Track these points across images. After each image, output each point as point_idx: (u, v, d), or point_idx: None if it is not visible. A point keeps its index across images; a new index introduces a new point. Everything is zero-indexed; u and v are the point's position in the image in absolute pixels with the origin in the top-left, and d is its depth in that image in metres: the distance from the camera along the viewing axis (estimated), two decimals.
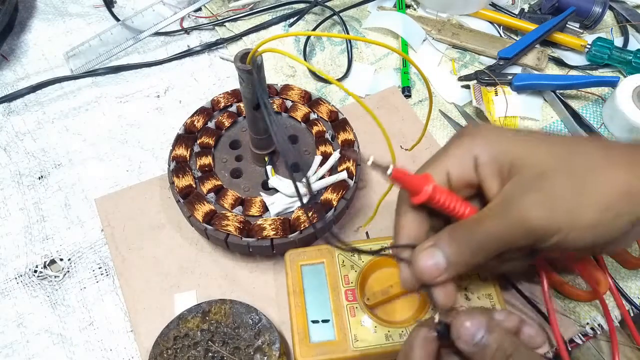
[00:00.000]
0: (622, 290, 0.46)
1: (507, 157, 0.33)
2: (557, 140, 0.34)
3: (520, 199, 0.32)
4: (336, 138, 0.51)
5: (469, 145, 0.35)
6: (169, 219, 0.51)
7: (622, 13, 0.68)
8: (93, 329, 0.46)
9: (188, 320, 0.42)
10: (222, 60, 0.66)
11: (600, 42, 0.63)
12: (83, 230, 0.52)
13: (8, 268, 0.49)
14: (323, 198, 0.46)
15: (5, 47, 0.67)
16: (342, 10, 0.69)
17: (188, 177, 0.47)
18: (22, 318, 0.47)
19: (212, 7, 0.70)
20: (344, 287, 0.43)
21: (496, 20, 0.68)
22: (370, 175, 0.54)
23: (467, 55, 0.66)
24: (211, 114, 0.53)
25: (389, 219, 0.51)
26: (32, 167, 0.56)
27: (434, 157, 0.36)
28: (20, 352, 0.45)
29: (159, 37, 0.68)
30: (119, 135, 0.59)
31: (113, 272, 0.49)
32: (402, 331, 0.41)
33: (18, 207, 0.53)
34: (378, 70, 0.65)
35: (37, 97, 0.62)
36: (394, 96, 0.61)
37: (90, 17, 0.70)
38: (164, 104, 0.62)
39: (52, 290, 0.48)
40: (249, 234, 0.44)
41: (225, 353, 0.41)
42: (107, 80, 0.64)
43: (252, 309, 0.43)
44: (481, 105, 0.58)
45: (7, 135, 0.59)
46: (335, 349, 0.40)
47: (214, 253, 0.50)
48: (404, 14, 0.68)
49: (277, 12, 0.70)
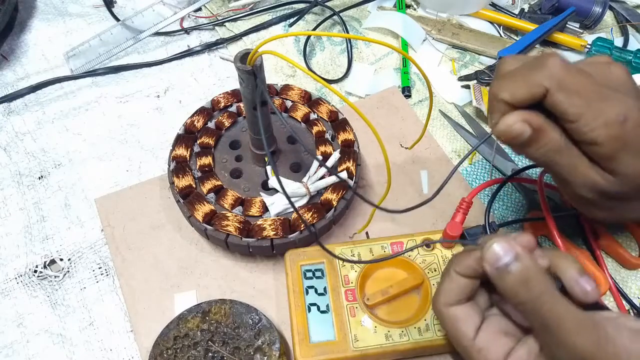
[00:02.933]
0: (622, 291, 0.46)
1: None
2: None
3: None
4: (336, 138, 0.51)
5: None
6: (169, 219, 0.51)
7: (622, 13, 0.68)
8: (93, 329, 0.46)
9: (188, 320, 0.42)
10: (222, 60, 0.66)
11: (600, 42, 0.63)
12: (83, 230, 0.52)
13: (8, 268, 0.49)
14: (323, 198, 0.46)
15: (5, 47, 0.67)
16: (342, 10, 0.69)
17: (188, 177, 0.47)
18: (22, 318, 0.47)
19: (212, 7, 0.70)
20: (344, 287, 0.43)
21: (496, 20, 0.68)
22: (371, 175, 0.54)
23: (467, 55, 0.66)
24: (211, 114, 0.53)
25: (388, 219, 0.51)
26: (32, 167, 0.56)
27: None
28: (20, 352, 0.45)
29: (159, 37, 0.68)
30: (119, 135, 0.59)
31: (113, 272, 0.49)
32: (402, 331, 0.41)
33: (18, 207, 0.53)
34: (378, 70, 0.65)
35: (37, 97, 0.62)
36: (394, 96, 0.61)
37: (90, 17, 0.70)
38: (164, 104, 0.62)
39: (52, 290, 0.48)
40: (249, 234, 0.44)
41: (225, 353, 0.41)
42: (107, 80, 0.64)
43: (252, 309, 0.43)
44: (481, 105, 0.58)
45: (7, 135, 0.59)
46: (335, 349, 0.41)
47: (214, 253, 0.50)
48: (404, 14, 0.68)
49: (277, 12, 0.70)
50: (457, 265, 0.35)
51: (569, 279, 0.32)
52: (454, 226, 0.44)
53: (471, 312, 0.35)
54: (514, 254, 0.31)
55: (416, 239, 0.46)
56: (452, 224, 0.44)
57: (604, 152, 0.33)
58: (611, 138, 0.32)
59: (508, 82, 0.35)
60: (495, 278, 0.32)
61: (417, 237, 0.46)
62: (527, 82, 0.33)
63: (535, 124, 0.34)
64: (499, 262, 0.32)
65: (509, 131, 0.34)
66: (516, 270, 0.31)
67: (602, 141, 0.32)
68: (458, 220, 0.44)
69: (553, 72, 0.33)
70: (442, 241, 0.45)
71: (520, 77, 0.34)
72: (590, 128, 0.32)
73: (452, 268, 0.35)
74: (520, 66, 0.35)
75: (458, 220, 0.44)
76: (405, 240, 0.46)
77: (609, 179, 0.34)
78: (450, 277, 0.35)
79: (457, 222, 0.44)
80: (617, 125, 0.32)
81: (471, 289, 0.35)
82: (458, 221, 0.44)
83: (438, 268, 0.44)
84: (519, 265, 0.31)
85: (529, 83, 0.33)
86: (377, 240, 0.46)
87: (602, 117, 0.32)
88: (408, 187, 0.53)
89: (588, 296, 0.31)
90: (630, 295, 0.47)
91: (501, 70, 0.36)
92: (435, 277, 0.44)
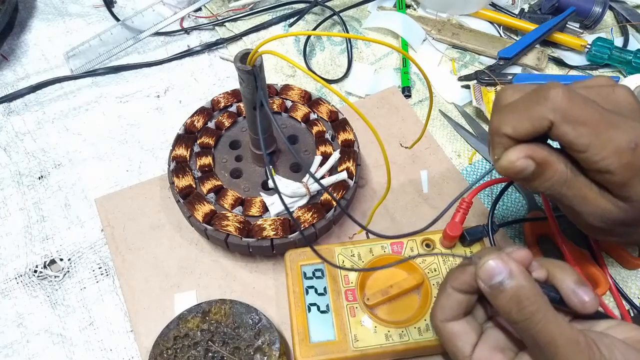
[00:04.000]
0: (622, 291, 0.46)
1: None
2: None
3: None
4: (336, 138, 0.51)
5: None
6: (169, 219, 0.51)
7: (622, 13, 0.68)
8: (93, 329, 0.46)
9: (188, 320, 0.42)
10: (222, 60, 0.66)
11: (600, 42, 0.63)
12: (83, 230, 0.52)
13: (8, 268, 0.49)
14: (323, 198, 0.46)
15: (5, 47, 0.67)
16: (342, 10, 0.69)
17: (188, 177, 0.47)
18: (22, 318, 0.47)
19: (212, 7, 0.70)
20: (344, 287, 0.43)
21: (496, 20, 0.68)
22: (371, 175, 0.54)
23: (467, 55, 0.66)
24: (211, 114, 0.53)
25: (388, 220, 0.51)
26: (32, 167, 0.56)
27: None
28: (20, 352, 0.45)
29: (159, 37, 0.68)
30: (119, 135, 0.59)
31: (113, 272, 0.49)
32: (402, 331, 0.41)
33: (18, 207, 0.53)
34: (378, 71, 0.65)
35: (37, 97, 0.62)
36: (394, 96, 0.61)
37: (90, 17, 0.70)
38: (164, 104, 0.62)
39: (52, 290, 0.48)
40: (249, 234, 0.44)
41: (225, 353, 0.41)
42: (107, 80, 0.64)
43: (252, 309, 0.43)
44: (481, 105, 0.58)
45: (7, 135, 0.59)
46: (335, 349, 0.41)
47: (214, 253, 0.50)
48: (404, 14, 0.68)
49: (277, 12, 0.70)
50: (453, 280, 0.34)
51: (566, 289, 0.32)
52: (454, 226, 0.44)
53: (468, 328, 0.35)
54: (508, 271, 0.31)
55: (416, 239, 0.46)
56: (452, 224, 0.44)
57: (617, 180, 0.32)
58: (623, 166, 0.31)
59: (509, 115, 0.33)
60: (489, 296, 0.31)
61: (416, 238, 0.46)
62: (529, 116, 0.32)
63: (539, 159, 0.33)
64: (493, 280, 0.31)
65: (511, 167, 0.33)
66: (510, 289, 0.30)
67: (614, 170, 0.31)
68: (458, 220, 0.44)
69: (556, 104, 0.31)
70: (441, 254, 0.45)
71: (523, 110, 0.33)
72: (601, 157, 0.31)
73: (448, 283, 0.34)
74: (521, 98, 0.34)
75: (458, 220, 0.44)
76: (405, 241, 0.46)
77: (621, 206, 0.33)
78: (447, 293, 0.34)
79: (457, 222, 0.44)
80: (628, 152, 0.31)
81: (467, 304, 0.34)
82: (458, 221, 0.44)
83: (438, 268, 0.44)
84: (512, 283, 0.30)
85: (531, 116, 0.32)
86: (377, 241, 0.46)
87: (612, 145, 0.31)
88: (408, 187, 0.53)
89: (586, 307, 0.31)
90: (630, 295, 0.47)
91: (501, 102, 0.35)
92: (436, 277, 0.44)
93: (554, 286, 0.33)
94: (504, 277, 0.30)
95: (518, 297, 0.30)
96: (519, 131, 0.33)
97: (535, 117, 0.32)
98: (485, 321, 0.36)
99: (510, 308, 0.30)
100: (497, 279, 0.31)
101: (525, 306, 0.30)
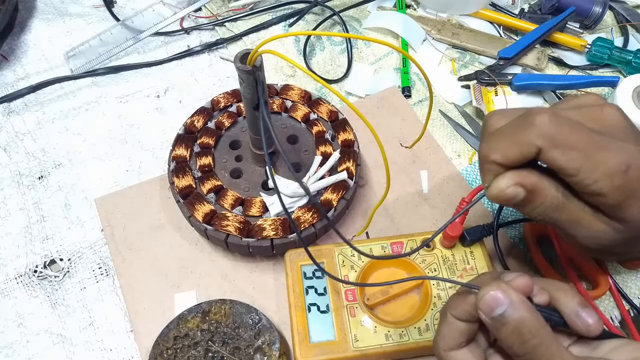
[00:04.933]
0: (622, 291, 0.46)
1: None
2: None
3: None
4: (336, 138, 0.51)
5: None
6: (169, 219, 0.51)
7: (622, 13, 0.68)
8: (93, 329, 0.46)
9: (188, 320, 0.42)
10: (222, 60, 0.66)
11: (600, 42, 0.63)
12: (83, 230, 0.52)
13: (8, 268, 0.49)
14: (323, 198, 0.46)
15: (5, 47, 0.67)
16: (342, 10, 0.69)
17: (188, 177, 0.47)
18: (22, 318, 0.47)
19: (212, 7, 0.70)
20: (344, 287, 0.43)
21: (496, 20, 0.68)
22: (371, 175, 0.54)
23: (467, 55, 0.66)
24: (211, 114, 0.53)
25: (388, 220, 0.51)
26: (32, 167, 0.56)
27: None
28: (20, 352, 0.45)
29: (159, 37, 0.68)
30: (119, 135, 0.59)
31: (113, 272, 0.49)
32: (402, 331, 0.41)
33: (18, 207, 0.53)
34: (378, 71, 0.65)
35: (37, 97, 0.62)
36: (394, 96, 0.61)
37: (90, 17, 0.70)
38: (164, 104, 0.62)
39: (52, 290, 0.48)
40: (249, 234, 0.44)
41: (225, 353, 0.41)
42: (107, 80, 0.64)
43: (252, 309, 0.43)
44: (481, 105, 0.58)
45: (7, 135, 0.59)
46: (335, 349, 0.41)
47: (214, 253, 0.50)
48: (404, 14, 0.68)
49: (277, 12, 0.70)
50: (453, 309, 0.33)
51: (569, 313, 0.31)
52: (454, 226, 0.44)
53: (471, 356, 0.33)
54: (509, 302, 0.30)
55: (416, 239, 0.46)
56: (452, 224, 0.44)
57: (610, 203, 0.32)
58: (615, 188, 0.31)
59: (497, 142, 0.33)
60: (491, 327, 0.31)
61: (416, 238, 0.46)
62: (517, 142, 0.32)
63: (528, 185, 0.33)
64: (494, 313, 0.30)
65: (502, 195, 0.33)
66: (512, 321, 0.29)
67: (606, 192, 0.31)
68: (458, 220, 0.44)
69: (543, 130, 0.31)
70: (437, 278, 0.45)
71: (510, 136, 0.33)
72: (593, 180, 0.31)
73: (449, 311, 0.33)
74: (508, 124, 0.34)
75: (458, 220, 0.44)
76: (405, 241, 0.46)
77: (616, 227, 0.33)
78: (448, 321, 0.33)
79: (457, 222, 0.44)
80: (620, 174, 0.31)
81: (469, 332, 0.33)
82: (458, 221, 0.44)
83: (438, 268, 0.44)
84: (514, 316, 0.29)
85: (519, 143, 0.32)
86: (377, 241, 0.46)
87: (603, 168, 0.31)
88: (408, 187, 0.54)
89: (590, 330, 0.31)
90: (630, 295, 0.47)
91: (488, 128, 0.35)
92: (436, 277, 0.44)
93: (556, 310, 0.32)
94: (505, 309, 0.29)
95: (520, 330, 0.29)
96: (508, 158, 0.33)
97: (522, 143, 0.32)
98: (487, 347, 0.35)
99: (512, 341, 0.30)
100: (499, 311, 0.30)
101: (528, 339, 0.29)
